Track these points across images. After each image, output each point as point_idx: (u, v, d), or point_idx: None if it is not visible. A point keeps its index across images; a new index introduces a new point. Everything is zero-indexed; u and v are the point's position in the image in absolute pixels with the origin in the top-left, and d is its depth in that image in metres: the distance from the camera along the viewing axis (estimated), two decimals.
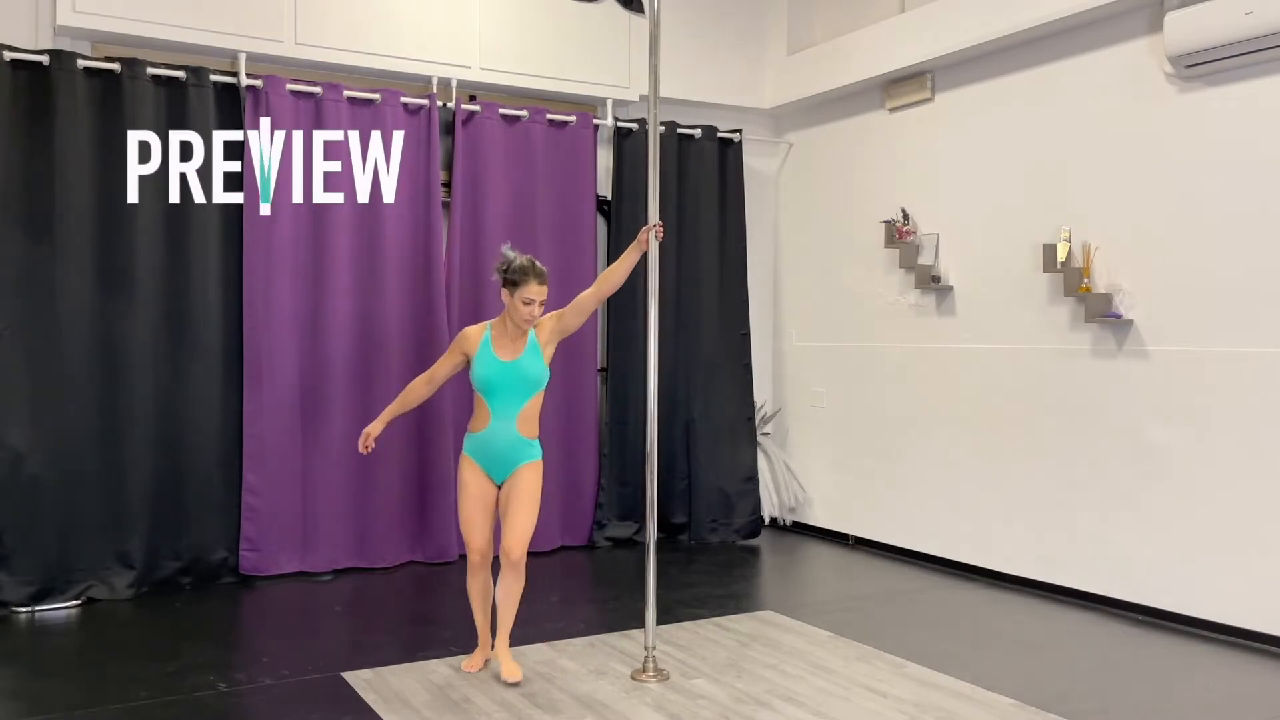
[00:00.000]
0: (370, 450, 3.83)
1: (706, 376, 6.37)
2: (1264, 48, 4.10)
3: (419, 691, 3.58)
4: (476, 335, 3.72)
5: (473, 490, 3.69)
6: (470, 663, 3.81)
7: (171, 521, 5.00)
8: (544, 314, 3.71)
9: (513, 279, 3.63)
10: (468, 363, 3.72)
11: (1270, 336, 4.19)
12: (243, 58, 5.14)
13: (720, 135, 6.46)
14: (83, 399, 4.80)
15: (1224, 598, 4.32)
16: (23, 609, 4.63)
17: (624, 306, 6.09)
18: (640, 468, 5.89)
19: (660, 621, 3.89)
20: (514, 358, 3.65)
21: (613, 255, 6.16)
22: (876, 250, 6.05)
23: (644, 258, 3.78)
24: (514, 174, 5.85)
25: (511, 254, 3.69)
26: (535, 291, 3.62)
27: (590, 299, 3.76)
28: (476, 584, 3.78)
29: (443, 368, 3.80)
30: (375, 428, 3.82)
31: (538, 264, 3.67)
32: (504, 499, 3.70)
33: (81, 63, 4.81)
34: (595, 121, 6.09)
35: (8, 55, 4.68)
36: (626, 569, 5.59)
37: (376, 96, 5.45)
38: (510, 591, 3.65)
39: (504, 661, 3.68)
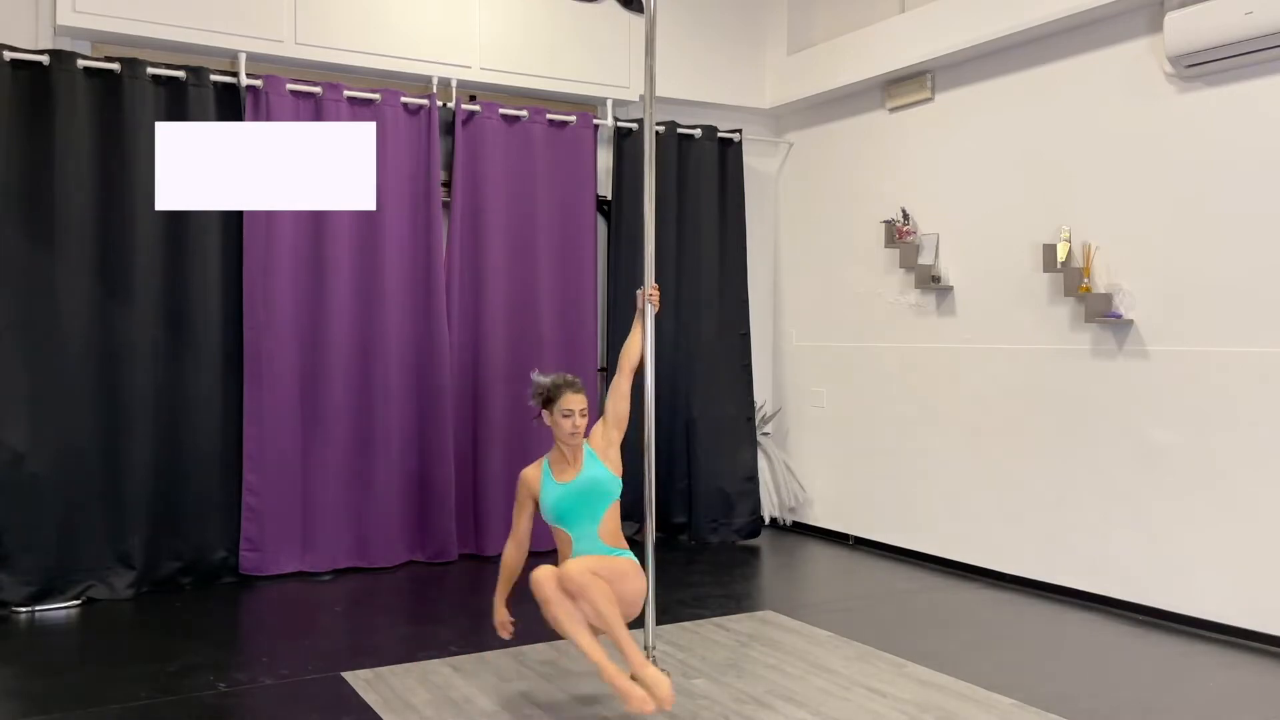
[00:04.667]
0: (513, 633, 3.58)
1: (706, 376, 6.36)
2: (1264, 48, 4.10)
3: (419, 691, 3.58)
4: (535, 472, 3.48)
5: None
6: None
7: (171, 521, 5.00)
8: (587, 424, 3.45)
9: (549, 396, 3.43)
10: (539, 505, 3.45)
11: (1270, 336, 4.19)
12: (243, 58, 5.14)
13: (720, 135, 6.46)
14: (83, 399, 4.80)
15: (1224, 598, 4.32)
16: (23, 609, 4.63)
17: (624, 307, 6.09)
18: (639, 467, 5.88)
19: (660, 621, 3.89)
20: (575, 475, 3.41)
21: (613, 256, 6.17)
22: (876, 250, 6.06)
23: (644, 275, 3.64)
24: (514, 174, 5.85)
25: (541, 378, 3.49)
26: (573, 401, 3.37)
27: (623, 381, 3.53)
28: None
29: (520, 521, 3.49)
30: (501, 613, 3.57)
31: (568, 376, 3.48)
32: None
33: (81, 63, 4.81)
34: (595, 121, 6.09)
35: (8, 55, 4.68)
36: None
37: (376, 96, 5.45)
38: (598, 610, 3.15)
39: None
